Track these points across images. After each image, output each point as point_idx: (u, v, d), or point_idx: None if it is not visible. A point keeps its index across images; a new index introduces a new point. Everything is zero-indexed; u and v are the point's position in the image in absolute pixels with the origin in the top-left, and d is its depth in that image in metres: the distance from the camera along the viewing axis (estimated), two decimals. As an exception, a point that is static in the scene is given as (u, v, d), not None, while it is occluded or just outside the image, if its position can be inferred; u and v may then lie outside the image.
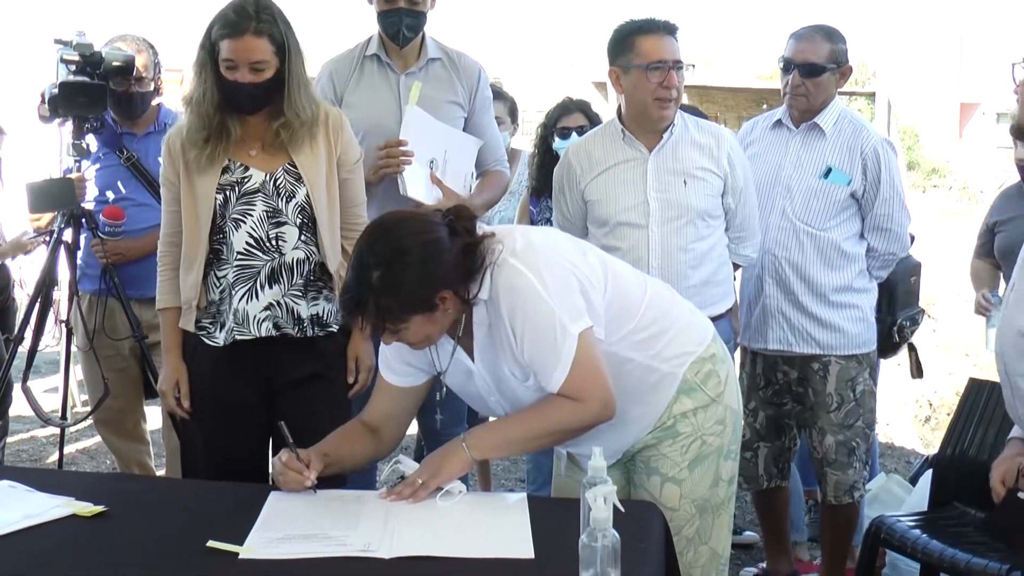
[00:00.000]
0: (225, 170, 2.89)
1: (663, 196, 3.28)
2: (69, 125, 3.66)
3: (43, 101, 3.69)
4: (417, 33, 3.44)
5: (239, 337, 2.91)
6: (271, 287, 2.90)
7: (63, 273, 3.78)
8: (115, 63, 3.68)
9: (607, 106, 11.24)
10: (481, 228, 2.35)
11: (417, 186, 3.31)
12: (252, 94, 2.85)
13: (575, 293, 2.30)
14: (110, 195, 3.89)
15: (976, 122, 28.24)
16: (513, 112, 4.81)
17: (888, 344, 3.79)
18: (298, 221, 2.92)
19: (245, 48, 2.80)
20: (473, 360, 2.41)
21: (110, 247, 3.71)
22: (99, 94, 3.64)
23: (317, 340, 2.99)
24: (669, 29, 3.27)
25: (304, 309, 2.95)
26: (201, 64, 2.84)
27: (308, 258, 2.94)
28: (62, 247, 3.70)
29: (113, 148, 3.90)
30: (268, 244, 2.90)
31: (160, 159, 3.02)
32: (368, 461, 2.74)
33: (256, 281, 2.90)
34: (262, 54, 2.81)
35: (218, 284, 2.92)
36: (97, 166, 3.88)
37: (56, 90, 3.59)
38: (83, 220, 3.69)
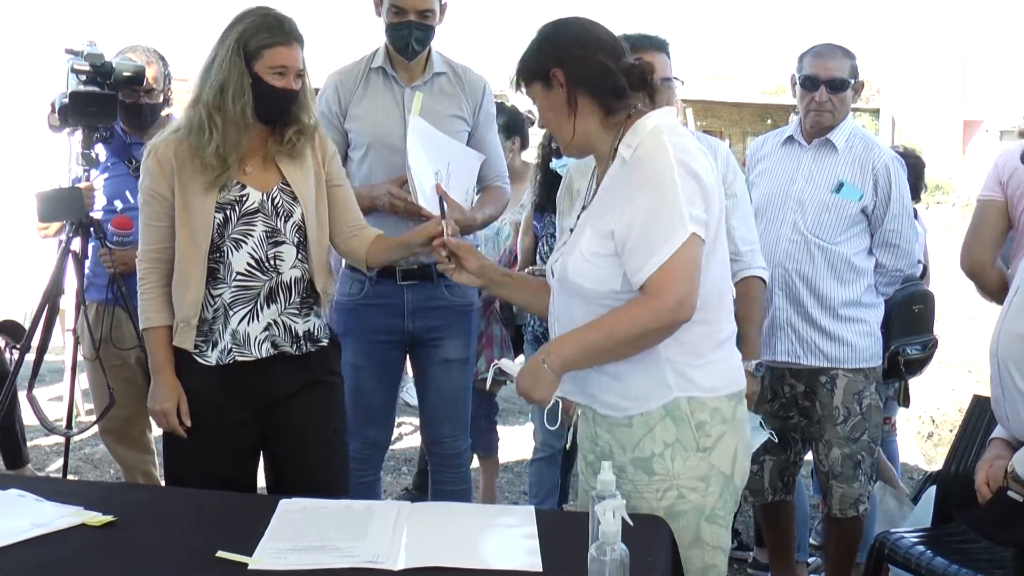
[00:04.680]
0: (221, 188, 2.85)
1: None
2: (78, 134, 3.67)
3: (53, 110, 3.69)
4: (425, 46, 3.45)
5: (240, 359, 2.89)
6: (269, 307, 2.90)
7: (70, 282, 3.78)
8: (125, 73, 3.69)
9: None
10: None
11: (425, 196, 3.32)
12: (297, 102, 2.89)
13: (703, 209, 2.25)
14: (118, 204, 3.89)
15: (979, 139, 28.29)
16: (510, 127, 4.81)
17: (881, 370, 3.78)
18: (295, 240, 2.92)
19: (294, 56, 2.83)
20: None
21: (118, 257, 3.71)
22: (109, 104, 3.65)
23: (310, 356, 2.99)
24: (658, 45, 3.27)
25: (300, 326, 2.95)
26: (240, 73, 2.78)
27: (303, 276, 2.95)
28: (70, 256, 3.71)
29: (122, 158, 3.91)
30: (267, 264, 2.88)
31: (146, 170, 2.92)
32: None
33: (256, 302, 2.89)
34: (302, 62, 2.86)
35: (212, 303, 2.89)
36: (106, 175, 3.89)
37: (66, 99, 3.60)
38: (91, 229, 3.70)
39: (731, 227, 3.28)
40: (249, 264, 2.86)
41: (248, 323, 2.88)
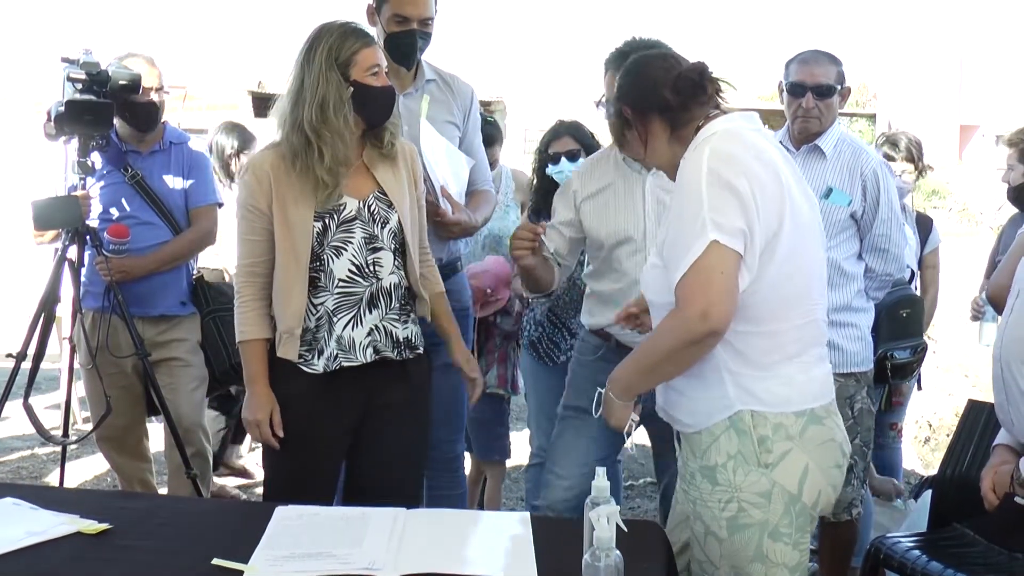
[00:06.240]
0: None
1: (660, 216, 3.27)
2: (75, 143, 3.67)
3: (49, 119, 3.68)
4: (423, 53, 3.46)
5: (346, 364, 2.89)
6: (371, 312, 2.91)
7: (67, 290, 3.78)
8: (121, 81, 3.70)
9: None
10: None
11: (438, 196, 3.34)
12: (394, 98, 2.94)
13: (738, 216, 2.19)
14: (114, 212, 3.90)
15: (976, 144, 28.32)
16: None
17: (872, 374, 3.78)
18: (392, 246, 2.93)
19: (380, 55, 2.89)
20: None
21: (114, 265, 3.72)
22: (105, 112, 3.65)
23: (408, 363, 3.00)
24: (606, 64, 3.31)
25: (400, 332, 2.96)
26: (337, 85, 2.80)
27: (400, 283, 2.97)
28: (66, 264, 3.71)
29: (118, 166, 3.92)
30: (367, 270, 2.90)
31: (243, 185, 2.91)
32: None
33: (359, 307, 2.90)
34: None
35: (315, 311, 2.89)
36: (102, 184, 3.90)
37: (62, 108, 3.60)
38: (87, 237, 3.70)
39: None
40: (350, 271, 2.88)
41: (352, 329, 2.89)
